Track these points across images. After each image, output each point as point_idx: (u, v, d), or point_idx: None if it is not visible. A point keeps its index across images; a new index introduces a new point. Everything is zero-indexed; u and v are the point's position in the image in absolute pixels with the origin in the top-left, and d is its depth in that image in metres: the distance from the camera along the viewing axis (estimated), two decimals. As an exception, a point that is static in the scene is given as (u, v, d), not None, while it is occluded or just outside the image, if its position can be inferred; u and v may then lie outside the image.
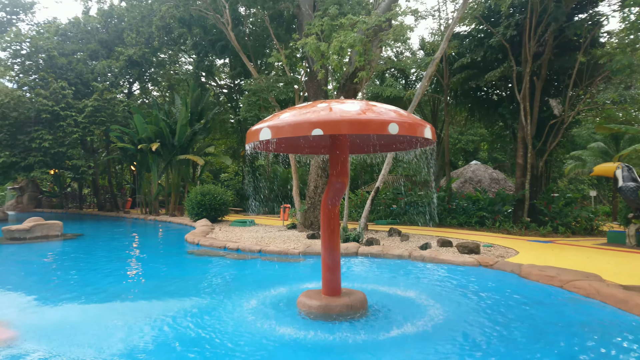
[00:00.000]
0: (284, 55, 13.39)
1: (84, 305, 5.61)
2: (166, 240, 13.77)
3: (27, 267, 8.84)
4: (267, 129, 4.23)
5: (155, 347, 3.98)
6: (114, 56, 22.58)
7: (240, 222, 15.54)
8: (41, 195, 33.40)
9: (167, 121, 21.12)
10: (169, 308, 5.22)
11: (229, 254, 9.36)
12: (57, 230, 13.21)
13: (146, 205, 23.58)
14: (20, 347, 3.90)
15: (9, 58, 22.49)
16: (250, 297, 5.64)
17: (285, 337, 4.17)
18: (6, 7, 24.10)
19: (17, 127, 20.57)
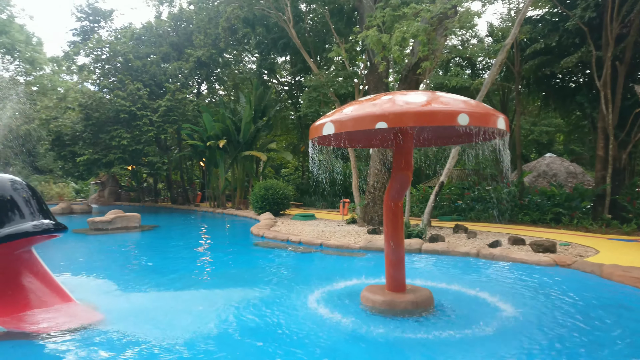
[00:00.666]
0: (344, 50, 13.35)
1: (160, 292, 6.01)
2: (233, 232, 14.36)
3: (109, 255, 9.66)
4: (330, 123, 4.24)
5: (222, 334, 4.17)
6: (184, 58, 23.87)
7: (301, 216, 15.80)
8: (120, 189, 36.31)
9: (232, 119, 21.97)
10: (237, 297, 5.43)
11: (291, 247, 9.57)
12: (135, 222, 14.28)
13: (214, 199, 24.76)
14: (107, 328, 4.26)
15: (91, 63, 24.62)
16: (314, 290, 5.71)
17: (349, 331, 4.17)
18: (89, 17, 26.37)
19: (99, 127, 22.46)
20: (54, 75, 35.67)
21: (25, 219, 4.33)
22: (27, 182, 4.80)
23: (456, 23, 10.50)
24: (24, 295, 4.78)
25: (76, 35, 26.56)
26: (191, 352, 3.71)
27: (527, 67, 15.30)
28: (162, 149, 25.52)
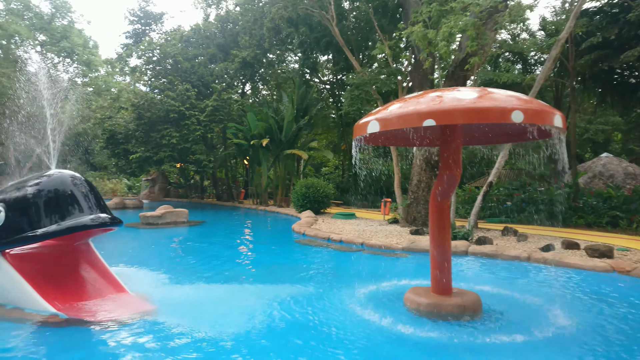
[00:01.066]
0: (387, 47, 13.16)
1: (208, 285, 6.19)
2: (275, 229, 14.58)
3: (160, 249, 10.09)
4: (375, 121, 4.18)
5: (268, 330, 4.23)
6: (229, 59, 24.50)
7: (341, 214, 15.77)
8: (169, 186, 37.84)
9: (275, 118, 22.30)
10: (281, 293, 5.49)
11: (332, 245, 9.56)
12: (184, 217, 14.83)
13: (257, 196, 25.25)
14: (159, 319, 4.45)
15: (143, 64, 25.81)
16: (356, 289, 5.67)
17: (392, 332, 4.11)
18: (141, 20, 27.65)
19: (150, 126, 23.50)
20: (108, 77, 37.75)
21: (84, 213, 4.58)
22: (85, 177, 5.09)
23: (507, 17, 10.06)
24: (82, 285, 5.09)
25: (129, 38, 27.95)
26: (238, 346, 3.80)
27: (582, 62, 14.47)
28: (209, 148, 26.33)
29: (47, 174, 4.81)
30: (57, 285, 4.86)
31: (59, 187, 4.60)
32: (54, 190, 4.57)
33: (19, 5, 30.18)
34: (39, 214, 4.46)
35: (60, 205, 4.52)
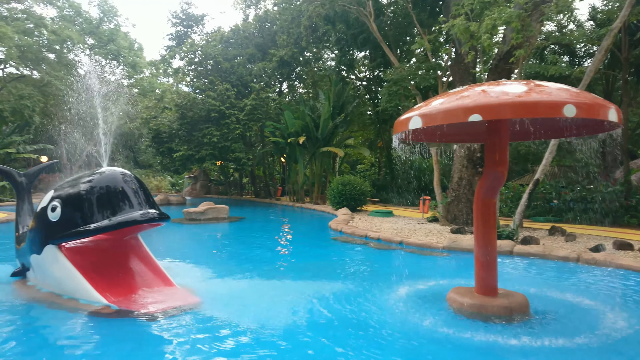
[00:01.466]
0: (427, 41, 12.89)
1: (249, 279, 6.32)
2: (312, 226, 14.67)
3: (202, 243, 10.40)
4: (417, 117, 4.10)
5: (308, 325, 4.26)
6: (267, 58, 24.83)
7: (378, 212, 15.64)
8: (210, 183, 38.91)
9: (311, 116, 22.41)
10: (321, 289, 5.52)
11: (370, 243, 9.50)
12: (224, 214, 15.21)
13: (293, 193, 25.49)
14: (204, 311, 4.59)
15: (185, 66, 26.62)
16: (396, 287, 5.62)
17: (435, 332, 4.04)
18: (183, 22, 28.50)
19: (192, 125, 24.24)
20: (152, 78, 39.21)
21: (134, 209, 4.77)
22: (135, 174, 5.31)
23: (553, 7, 9.60)
24: (132, 277, 5.32)
25: (172, 40, 28.88)
26: (280, 340, 3.85)
27: (637, 52, 13.57)
28: (247, 146, 26.83)
29: (99, 171, 5.05)
30: (108, 277, 5.11)
31: (110, 184, 4.82)
32: (105, 187, 4.79)
33: (70, 12, 31.92)
34: (92, 210, 4.70)
35: (112, 201, 4.74)
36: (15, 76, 29.54)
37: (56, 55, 30.61)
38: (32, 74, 30.00)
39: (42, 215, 4.92)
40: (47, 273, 5.11)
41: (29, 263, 5.52)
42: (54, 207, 4.81)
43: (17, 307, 4.77)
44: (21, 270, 5.83)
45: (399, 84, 14.03)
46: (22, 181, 6.91)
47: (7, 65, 28.82)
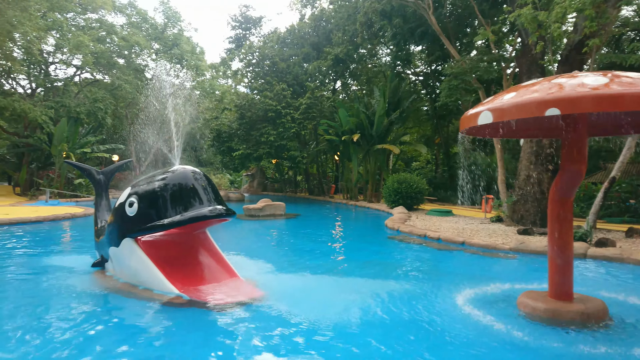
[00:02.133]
0: (490, 32, 12.31)
1: (309, 275, 6.40)
2: (367, 224, 14.58)
3: (263, 239, 10.70)
4: (487, 112, 3.92)
5: (369, 324, 4.22)
6: (322, 57, 24.98)
7: (437, 211, 15.21)
8: (266, 180, 39.98)
9: (366, 113, 22.24)
10: (380, 288, 5.46)
11: (429, 243, 9.27)
12: (281, 210, 15.55)
13: (347, 191, 25.50)
14: (268, 304, 4.71)
15: (244, 67, 27.47)
16: (460, 289, 5.43)
17: (506, 336, 3.85)
18: (242, 25, 29.40)
19: (250, 125, 25.01)
20: (212, 80, 40.84)
21: (203, 205, 4.99)
22: (204, 172, 5.55)
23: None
24: (201, 270, 5.58)
25: (231, 42, 29.90)
26: (339, 337, 3.86)
27: None
28: (302, 144, 27.22)
29: (171, 169, 5.33)
30: (180, 269, 5.39)
31: (182, 181, 5.08)
32: (178, 184, 5.06)
33: (137, 19, 34.04)
34: (165, 206, 4.97)
35: (183, 197, 4.99)
36: (90, 81, 32.03)
37: (125, 60, 32.80)
38: (104, 78, 32.39)
39: (121, 210, 5.28)
40: (124, 264, 5.48)
41: (107, 255, 5.95)
42: (131, 203, 5.15)
43: (97, 296, 5.15)
44: (100, 262, 6.31)
45: (459, 77, 13.53)
46: (101, 179, 7.48)
47: (83, 71, 31.34)
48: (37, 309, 4.56)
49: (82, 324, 4.17)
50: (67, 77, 30.59)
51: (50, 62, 28.81)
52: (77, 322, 4.21)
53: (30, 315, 4.38)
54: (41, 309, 4.57)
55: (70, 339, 3.74)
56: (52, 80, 28.77)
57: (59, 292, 5.26)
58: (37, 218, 12.80)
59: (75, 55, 27.92)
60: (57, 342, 3.65)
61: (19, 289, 5.50)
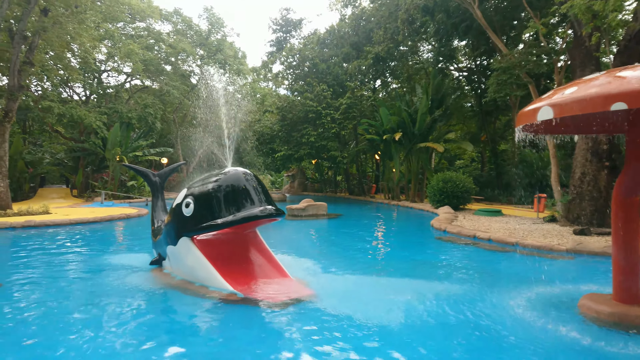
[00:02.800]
0: (540, 24, 11.79)
1: (357, 276, 6.40)
2: (411, 225, 14.37)
3: (307, 239, 10.81)
4: (547, 107, 3.78)
5: (419, 326, 4.17)
6: (362, 56, 24.89)
7: (485, 211, 14.75)
8: (306, 181, 40.33)
9: (408, 111, 21.91)
10: (430, 290, 5.38)
11: (479, 244, 9.02)
12: (323, 210, 15.65)
13: (388, 191, 25.23)
14: (318, 303, 4.77)
15: (285, 69, 27.85)
16: (516, 291, 5.25)
17: (569, 341, 3.70)
18: (282, 28, 29.84)
19: (291, 126, 25.35)
20: (254, 83, 41.71)
21: (255, 205, 5.14)
22: (255, 174, 5.70)
23: None
24: (253, 268, 5.74)
25: (272, 45, 30.41)
26: (391, 338, 3.86)
27: None
28: (342, 144, 27.25)
29: (224, 171, 5.52)
30: (233, 267, 5.57)
31: (234, 182, 5.25)
32: (231, 185, 5.23)
33: (183, 26, 35.37)
34: (219, 206, 5.16)
35: (236, 198, 5.15)
36: (139, 87, 33.63)
37: (172, 66, 34.17)
38: (152, 84, 33.90)
39: (178, 211, 5.53)
40: (181, 262, 5.73)
41: (164, 253, 6.24)
42: (187, 204, 5.38)
43: (155, 292, 5.40)
44: (158, 260, 6.62)
45: (509, 72, 13.05)
46: (157, 181, 7.85)
47: (133, 78, 32.96)
48: (99, 305, 4.84)
49: (142, 318, 4.42)
50: (119, 84, 32.28)
51: (103, 70, 30.53)
52: (136, 316, 4.46)
53: (93, 310, 4.66)
54: (103, 304, 4.86)
55: (130, 333, 3.96)
56: (105, 87, 30.47)
57: (119, 288, 5.56)
58: (94, 218, 13.61)
59: (125, 63, 29.43)
60: (117, 336, 3.87)
61: (81, 285, 5.87)
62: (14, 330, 4.06)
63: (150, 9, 29.28)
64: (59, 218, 13.14)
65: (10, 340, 3.81)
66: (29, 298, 5.18)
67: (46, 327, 4.10)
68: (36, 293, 5.40)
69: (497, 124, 26.47)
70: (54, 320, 4.32)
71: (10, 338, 3.85)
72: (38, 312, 4.60)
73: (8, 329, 4.09)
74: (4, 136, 14.77)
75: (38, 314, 4.53)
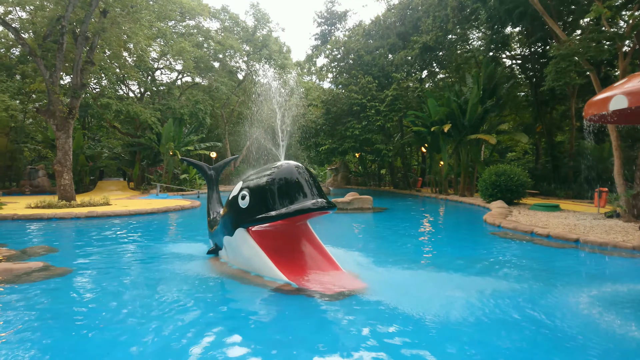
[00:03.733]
0: (604, 7, 10.99)
1: (409, 270, 6.32)
2: (462, 220, 13.98)
3: (354, 232, 10.81)
4: (621, 96, 3.55)
5: (474, 322, 4.06)
6: (409, 46, 24.36)
7: (542, 205, 14.05)
8: (350, 174, 40.23)
9: (457, 102, 21.22)
10: (488, 287, 5.21)
11: (537, 240, 8.64)
12: (369, 204, 15.56)
13: (436, 184, 24.66)
14: (372, 296, 4.78)
15: (329, 62, 27.80)
16: (580, 290, 5.01)
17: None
18: (327, 21, 29.77)
19: (335, 119, 25.31)
20: (298, 77, 42.03)
21: (307, 198, 5.19)
22: (306, 167, 5.76)
23: None
24: (305, 259, 5.82)
25: (317, 39, 30.44)
26: (447, 334, 3.78)
27: None
28: (386, 137, 26.91)
29: (277, 165, 5.62)
30: (287, 258, 5.69)
31: (287, 176, 5.33)
32: (284, 178, 5.32)
33: (230, 23, 36.19)
34: (273, 199, 5.27)
35: (289, 191, 5.24)
36: (190, 84, 34.84)
37: (220, 63, 35.11)
38: (202, 81, 35.02)
39: (234, 203, 5.71)
40: (237, 252, 5.92)
41: (221, 243, 6.47)
42: (243, 196, 5.54)
43: (213, 281, 5.61)
44: (214, 249, 6.88)
45: (568, 59, 12.30)
46: (212, 174, 8.14)
47: (184, 75, 34.20)
48: (159, 291, 5.10)
49: (201, 305, 4.60)
50: (171, 81, 33.63)
51: (156, 68, 31.90)
52: (196, 303, 4.65)
53: (153, 296, 4.92)
54: (163, 291, 5.12)
55: (190, 319, 4.14)
56: (158, 84, 31.84)
57: (178, 276, 5.83)
58: (151, 209, 14.34)
59: (177, 61, 30.58)
60: (177, 322, 4.06)
61: (143, 272, 6.22)
62: (82, 312, 4.36)
63: (200, 7, 30.17)
64: (119, 209, 13.96)
65: (79, 321, 4.10)
66: (94, 283, 5.56)
67: (111, 311, 4.37)
68: (101, 278, 5.77)
69: (554, 113, 25.07)
70: (118, 304, 4.60)
71: (78, 320, 4.15)
72: (103, 296, 4.93)
73: (78, 311, 4.41)
74: (68, 132, 15.81)
75: (103, 298, 4.85)
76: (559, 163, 22.70)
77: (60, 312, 4.33)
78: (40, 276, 5.64)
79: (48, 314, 4.29)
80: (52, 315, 4.25)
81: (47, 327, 3.93)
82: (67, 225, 11.36)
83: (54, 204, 14.32)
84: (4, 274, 5.67)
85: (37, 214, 12.41)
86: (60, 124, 15.54)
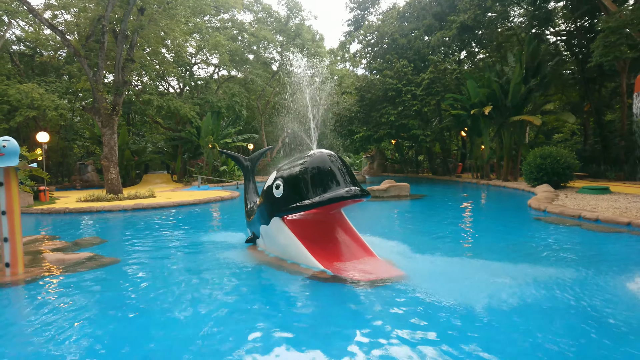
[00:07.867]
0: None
1: (448, 257, 6.14)
2: (505, 205, 13.48)
3: (391, 219, 10.70)
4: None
5: (523, 309, 3.89)
6: (446, 26, 23.53)
7: (590, 188, 13.30)
8: (386, 162, 39.73)
9: (499, 82, 20.35)
10: (533, 274, 4.99)
11: (585, 225, 8.19)
12: (406, 191, 15.32)
13: (477, 169, 23.90)
14: (411, 283, 4.70)
15: (363, 48, 27.37)
16: (634, 276, 4.69)
17: None
18: (360, 6, 29.26)
19: (370, 106, 24.97)
20: (331, 65, 41.73)
21: (340, 186, 5.17)
22: (339, 155, 5.72)
23: None
24: (340, 247, 5.82)
25: (350, 25, 30.03)
26: (495, 322, 3.64)
27: None
28: (424, 122, 26.28)
29: (310, 154, 5.62)
30: (322, 246, 5.71)
31: (320, 164, 5.32)
32: (317, 167, 5.31)
33: (263, 14, 36.37)
34: (307, 188, 5.28)
35: (322, 179, 5.23)
36: (226, 77, 35.46)
37: (254, 55, 35.43)
38: (237, 74, 35.52)
39: (269, 192, 5.78)
40: (273, 241, 6.01)
41: (258, 232, 6.59)
42: (277, 186, 5.60)
43: (252, 268, 5.74)
44: (252, 238, 7.03)
45: (618, 32, 11.46)
46: (248, 165, 8.28)
47: (220, 68, 34.82)
48: (203, 278, 5.29)
49: (240, 291, 4.73)
50: (208, 75, 34.36)
51: (193, 63, 32.65)
52: (235, 290, 4.80)
53: (197, 283, 5.09)
54: (206, 278, 5.31)
55: (230, 306, 4.25)
56: (196, 79, 32.61)
57: (219, 263, 6.03)
58: (194, 201, 14.82)
59: (213, 55, 31.15)
60: (218, 307, 4.19)
61: (186, 260, 6.45)
62: (131, 298, 4.58)
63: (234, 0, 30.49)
64: (163, 201, 14.53)
65: (126, 308, 4.30)
66: (142, 271, 5.83)
67: (156, 298, 4.55)
68: (148, 267, 6.05)
69: (603, 91, 23.53)
70: (165, 291, 4.79)
71: (126, 307, 4.35)
72: (152, 282, 5.16)
73: (127, 297, 4.63)
74: (113, 128, 16.55)
75: (150, 285, 5.07)
76: (609, 143, 21.36)
77: (110, 299, 4.58)
78: (90, 265, 5.98)
79: (99, 300, 4.55)
80: (104, 301, 4.51)
81: (101, 313, 4.16)
82: (115, 217, 11.95)
83: (103, 198, 15.10)
84: (57, 264, 6.05)
85: (86, 207, 13.14)
86: (105, 121, 16.27)
